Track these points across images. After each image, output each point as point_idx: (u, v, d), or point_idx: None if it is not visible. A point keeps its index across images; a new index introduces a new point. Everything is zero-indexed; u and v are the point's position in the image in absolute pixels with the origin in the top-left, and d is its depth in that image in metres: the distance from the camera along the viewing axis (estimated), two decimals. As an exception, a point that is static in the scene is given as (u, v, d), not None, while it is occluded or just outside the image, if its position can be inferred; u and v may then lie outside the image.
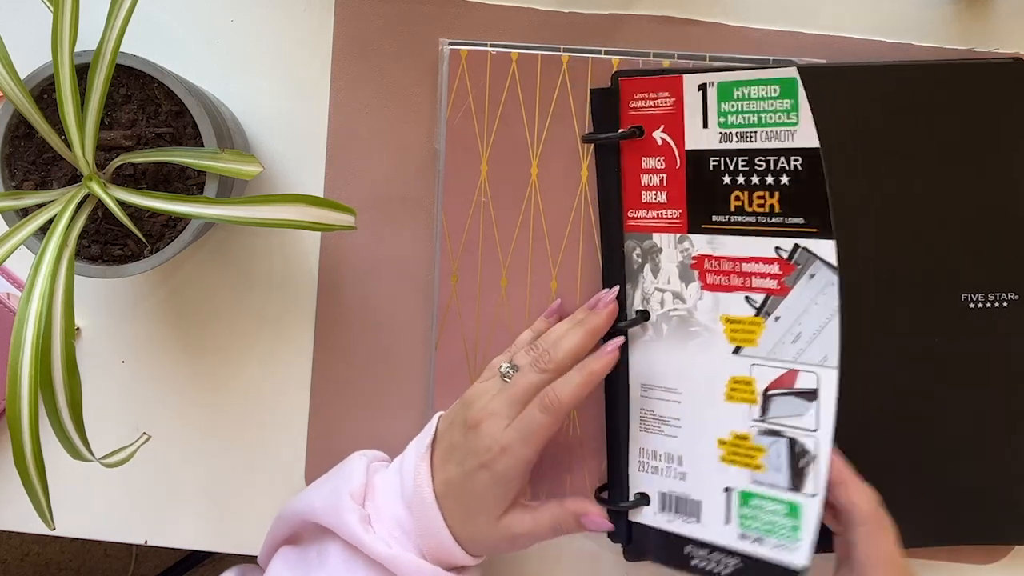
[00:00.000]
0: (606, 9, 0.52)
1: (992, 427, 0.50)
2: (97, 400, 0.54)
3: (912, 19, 0.51)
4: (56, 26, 0.41)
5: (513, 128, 0.51)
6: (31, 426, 0.37)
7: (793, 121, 0.46)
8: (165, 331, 0.54)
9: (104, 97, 0.42)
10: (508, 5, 0.52)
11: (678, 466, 0.48)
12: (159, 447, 0.54)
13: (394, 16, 0.52)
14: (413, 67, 0.52)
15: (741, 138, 0.46)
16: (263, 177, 0.53)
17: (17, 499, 0.53)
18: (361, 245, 0.53)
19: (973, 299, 0.49)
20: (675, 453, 0.48)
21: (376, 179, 0.53)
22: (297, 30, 0.53)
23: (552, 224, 0.51)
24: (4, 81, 0.42)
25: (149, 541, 0.54)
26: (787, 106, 0.46)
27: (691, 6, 0.52)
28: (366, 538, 0.43)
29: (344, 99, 0.53)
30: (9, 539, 1.28)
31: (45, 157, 0.46)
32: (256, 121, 0.53)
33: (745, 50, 0.51)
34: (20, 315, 0.38)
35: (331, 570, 0.44)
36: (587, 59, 0.51)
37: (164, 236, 0.46)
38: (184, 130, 0.46)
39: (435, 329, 0.52)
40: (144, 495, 0.54)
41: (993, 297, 0.49)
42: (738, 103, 0.46)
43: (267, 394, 0.54)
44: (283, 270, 0.54)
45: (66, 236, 0.41)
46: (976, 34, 0.52)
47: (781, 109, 0.46)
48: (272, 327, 0.54)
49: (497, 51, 0.51)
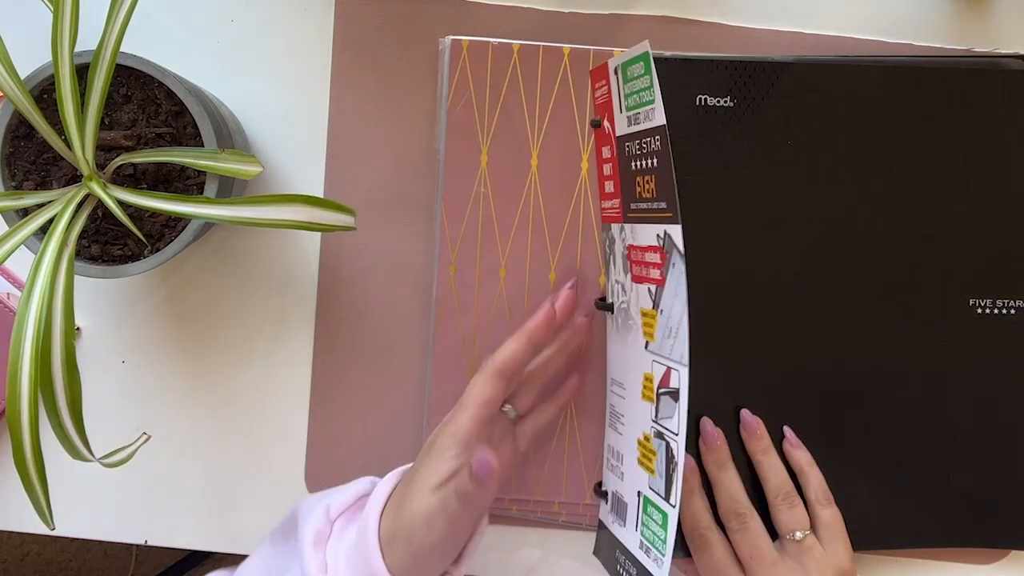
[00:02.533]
0: (606, 9, 0.52)
1: (994, 432, 0.50)
2: (97, 400, 0.54)
3: (912, 19, 0.51)
4: (56, 26, 0.41)
5: (514, 119, 0.51)
6: (31, 426, 0.37)
7: (650, 99, 0.43)
8: (165, 331, 0.54)
9: (104, 97, 0.42)
10: (508, 5, 0.52)
11: (620, 464, 0.48)
12: (159, 447, 0.54)
13: (394, 16, 0.52)
14: (413, 67, 0.52)
15: (634, 120, 0.45)
16: (263, 177, 0.53)
17: (17, 499, 0.53)
18: (361, 245, 0.53)
19: (981, 304, 0.49)
20: (620, 451, 0.48)
21: (376, 179, 0.53)
22: (297, 30, 0.53)
23: (552, 215, 0.51)
24: (4, 81, 0.42)
25: (149, 541, 0.54)
26: (647, 83, 0.43)
27: (691, 6, 0.52)
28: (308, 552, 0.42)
29: (344, 99, 0.53)
30: (9, 539, 1.28)
31: (45, 157, 0.46)
32: (256, 121, 0.53)
33: (745, 50, 0.51)
34: (20, 315, 0.38)
35: None
36: (588, 50, 0.51)
37: (164, 236, 0.46)
38: (184, 130, 0.46)
39: (433, 319, 0.52)
40: (144, 495, 0.54)
41: (1001, 304, 0.49)
42: (630, 83, 0.45)
43: (267, 394, 0.54)
44: (283, 270, 0.54)
45: (66, 236, 0.41)
46: (976, 34, 0.52)
47: (645, 87, 0.43)
48: (272, 327, 0.54)
49: (499, 42, 0.51)
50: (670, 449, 0.43)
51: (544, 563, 0.54)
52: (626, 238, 0.47)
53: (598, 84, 0.49)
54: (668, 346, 0.43)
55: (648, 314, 0.45)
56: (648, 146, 0.44)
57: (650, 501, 0.44)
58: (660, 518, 0.43)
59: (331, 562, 0.43)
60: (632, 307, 0.47)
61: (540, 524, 0.53)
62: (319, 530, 0.44)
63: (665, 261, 0.43)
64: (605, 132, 0.48)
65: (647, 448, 0.45)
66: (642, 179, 0.45)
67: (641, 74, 0.44)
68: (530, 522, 0.53)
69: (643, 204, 0.45)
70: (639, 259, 0.46)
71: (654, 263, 0.44)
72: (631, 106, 0.45)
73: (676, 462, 0.42)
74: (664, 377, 0.43)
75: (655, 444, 0.44)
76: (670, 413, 0.43)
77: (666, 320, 0.43)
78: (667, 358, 0.43)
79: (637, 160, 0.45)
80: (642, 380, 0.46)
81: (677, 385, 0.42)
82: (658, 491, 0.43)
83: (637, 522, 0.45)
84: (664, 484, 0.43)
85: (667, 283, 0.43)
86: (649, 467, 0.45)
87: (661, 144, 0.42)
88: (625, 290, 0.48)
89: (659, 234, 0.44)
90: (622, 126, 0.46)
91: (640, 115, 0.44)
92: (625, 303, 0.48)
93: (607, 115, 0.48)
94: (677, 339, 0.42)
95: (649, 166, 0.44)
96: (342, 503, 0.45)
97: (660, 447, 0.44)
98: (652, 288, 0.45)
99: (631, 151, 0.45)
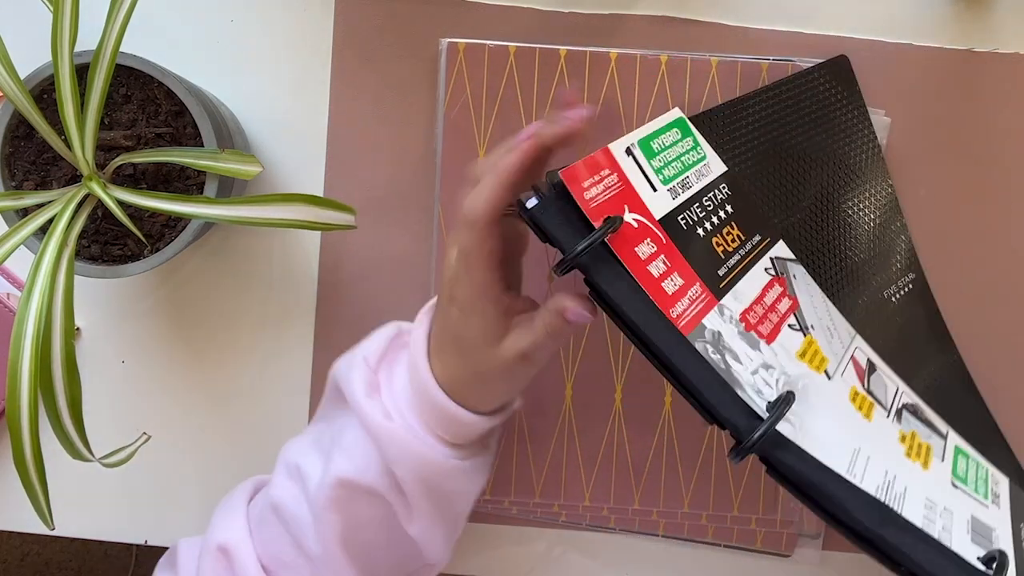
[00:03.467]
0: (606, 9, 0.52)
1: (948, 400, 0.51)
2: (97, 400, 0.54)
3: (912, 19, 0.51)
4: (56, 26, 0.41)
5: (510, 121, 0.51)
6: (31, 426, 0.37)
7: (702, 155, 0.45)
8: (165, 331, 0.54)
9: (104, 97, 0.42)
10: (508, 5, 0.52)
11: (936, 506, 0.42)
12: (159, 447, 0.54)
13: (394, 16, 0.52)
14: (413, 67, 0.52)
15: (683, 187, 0.43)
16: (263, 177, 0.53)
17: (17, 499, 0.53)
18: (361, 245, 0.53)
19: (890, 292, 0.52)
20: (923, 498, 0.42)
21: (376, 179, 0.53)
22: (297, 30, 0.53)
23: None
24: (4, 81, 0.42)
25: (149, 541, 0.54)
26: (691, 144, 0.45)
27: (691, 6, 0.52)
28: (365, 404, 0.42)
29: (344, 99, 0.53)
30: (9, 539, 1.28)
31: (45, 157, 0.46)
32: (256, 121, 0.53)
33: (745, 50, 0.51)
34: (20, 315, 0.38)
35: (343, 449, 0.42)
36: (585, 52, 0.51)
37: (164, 236, 0.46)
38: (184, 130, 0.46)
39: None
40: (144, 495, 0.54)
41: (902, 283, 0.52)
42: (662, 155, 0.42)
43: (267, 394, 0.54)
44: (283, 270, 0.54)
45: (66, 236, 0.41)
46: (976, 34, 0.52)
47: (689, 148, 0.44)
48: (272, 327, 0.54)
49: (495, 44, 0.51)
50: (909, 406, 0.47)
51: (544, 563, 0.54)
52: (731, 314, 0.41)
53: (594, 179, 0.39)
54: (837, 342, 0.45)
55: (805, 350, 0.43)
56: (715, 199, 0.44)
57: (954, 468, 0.46)
58: (962, 456, 0.47)
59: (391, 408, 0.42)
60: (788, 367, 0.41)
61: (540, 524, 0.53)
62: (368, 380, 0.43)
63: (786, 282, 0.44)
64: (631, 228, 0.39)
65: (912, 443, 0.45)
66: (719, 237, 0.43)
67: (678, 139, 0.44)
68: (530, 522, 0.53)
69: (734, 259, 0.43)
70: (762, 313, 0.43)
71: (778, 296, 0.44)
72: (672, 176, 0.42)
73: (918, 405, 0.47)
74: (857, 369, 0.46)
75: (906, 427, 0.46)
76: (883, 384, 0.46)
77: (820, 325, 0.45)
78: (844, 352, 0.45)
79: (704, 223, 0.42)
80: (854, 407, 0.44)
81: (866, 356, 0.47)
82: (942, 448, 0.46)
83: (978, 497, 0.46)
84: (932, 431, 0.46)
85: (800, 298, 0.44)
86: (927, 454, 0.45)
87: (731, 188, 0.45)
88: (771, 366, 0.41)
89: (767, 268, 0.44)
90: (664, 204, 0.41)
91: (689, 178, 0.43)
92: (779, 381, 0.40)
93: (627, 206, 0.39)
94: (836, 323, 0.46)
95: (724, 217, 0.43)
96: (377, 351, 0.45)
97: (907, 421, 0.46)
98: (792, 319, 0.44)
99: (690, 220, 0.42)
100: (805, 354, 0.43)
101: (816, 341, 0.44)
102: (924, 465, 0.44)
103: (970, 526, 0.42)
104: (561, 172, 0.37)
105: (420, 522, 0.43)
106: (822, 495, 0.37)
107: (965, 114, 0.52)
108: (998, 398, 0.52)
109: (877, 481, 0.40)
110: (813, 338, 0.44)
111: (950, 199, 0.52)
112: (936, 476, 0.44)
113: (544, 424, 0.53)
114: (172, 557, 0.46)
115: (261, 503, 0.45)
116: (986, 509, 0.45)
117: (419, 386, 0.42)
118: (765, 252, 0.45)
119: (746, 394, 0.38)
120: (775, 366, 0.40)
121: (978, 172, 0.52)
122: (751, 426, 0.36)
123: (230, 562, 0.43)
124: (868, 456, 0.40)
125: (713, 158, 0.46)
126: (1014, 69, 0.52)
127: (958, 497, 0.44)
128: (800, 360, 0.42)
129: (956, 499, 0.43)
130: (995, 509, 0.45)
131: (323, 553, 0.42)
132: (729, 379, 0.38)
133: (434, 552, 0.45)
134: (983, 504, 0.45)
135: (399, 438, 0.41)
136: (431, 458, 0.41)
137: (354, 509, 0.42)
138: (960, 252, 0.52)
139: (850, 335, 0.46)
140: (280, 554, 0.43)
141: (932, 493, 0.42)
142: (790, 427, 0.38)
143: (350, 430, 0.43)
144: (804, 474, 0.37)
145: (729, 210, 0.44)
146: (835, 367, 0.44)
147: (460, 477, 0.43)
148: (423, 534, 0.43)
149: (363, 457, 0.42)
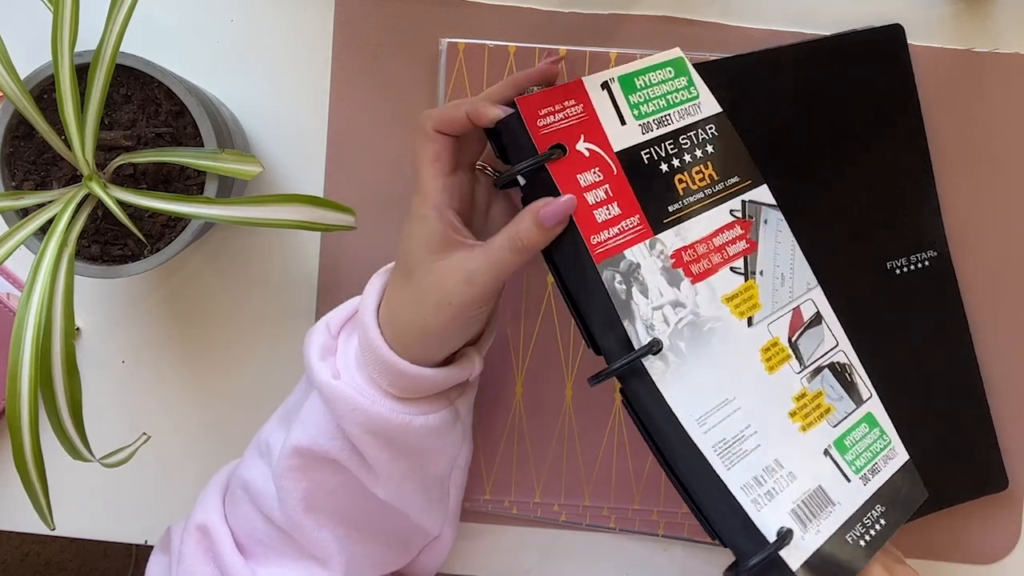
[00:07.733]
0: (606, 9, 0.52)
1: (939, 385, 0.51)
2: (97, 400, 0.54)
3: (912, 19, 0.51)
4: (56, 26, 0.41)
5: None
6: (31, 426, 0.37)
7: (694, 95, 0.47)
8: (165, 331, 0.54)
9: (104, 97, 0.42)
10: (508, 5, 0.52)
11: (781, 469, 0.44)
12: (159, 447, 0.54)
13: (394, 16, 0.52)
14: (413, 67, 0.52)
15: (659, 124, 0.45)
16: (263, 177, 0.53)
17: (17, 499, 0.53)
18: (361, 245, 0.53)
19: (897, 264, 0.52)
20: (770, 461, 0.44)
21: (376, 179, 0.53)
22: (297, 30, 0.53)
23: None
24: (4, 81, 0.42)
25: (149, 541, 0.54)
26: (684, 83, 0.47)
27: (691, 6, 0.52)
28: (316, 366, 0.42)
29: (344, 99, 0.53)
30: (9, 539, 1.28)
31: (45, 157, 0.46)
32: (256, 121, 0.53)
33: (745, 50, 0.51)
34: (20, 315, 0.38)
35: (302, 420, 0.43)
36: (585, 52, 0.51)
37: (164, 236, 0.46)
38: (184, 130, 0.46)
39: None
40: (144, 495, 0.54)
41: (915, 259, 0.52)
42: (643, 92, 0.45)
43: (267, 393, 0.54)
44: (283, 270, 0.54)
45: (66, 236, 0.41)
46: (976, 34, 0.52)
47: (680, 87, 0.47)
48: (272, 327, 0.54)
49: (495, 44, 0.51)
50: (836, 365, 0.47)
51: (544, 563, 0.54)
52: (664, 249, 0.44)
53: (553, 108, 0.42)
54: (785, 291, 0.47)
55: (737, 294, 0.45)
56: (695, 138, 0.46)
57: (843, 436, 0.46)
58: (866, 425, 0.47)
59: (341, 367, 0.43)
60: (705, 308, 0.44)
61: (540, 524, 0.53)
62: (324, 344, 0.44)
63: (751, 226, 0.46)
64: (580, 156, 0.42)
65: (807, 404, 0.46)
66: (686, 174, 0.45)
67: (669, 78, 0.46)
68: (530, 522, 0.53)
69: (694, 197, 0.45)
70: (703, 252, 0.45)
71: (734, 239, 0.46)
72: (649, 112, 0.45)
73: (851, 365, 0.47)
74: (794, 321, 0.46)
75: (814, 387, 0.46)
76: (818, 339, 0.47)
77: (772, 272, 0.46)
78: (789, 303, 0.47)
79: (673, 159, 0.45)
80: (760, 357, 0.45)
81: (815, 309, 0.47)
82: (847, 413, 0.47)
83: (845, 474, 0.45)
84: (849, 395, 0.47)
85: (760, 243, 0.46)
86: (822, 411, 0.46)
87: (719, 130, 0.47)
88: (682, 304, 0.43)
89: (733, 209, 0.46)
90: (626, 138, 0.44)
91: (670, 116, 0.46)
92: (683, 320, 0.43)
93: (583, 135, 0.43)
94: (795, 273, 0.47)
95: (699, 156, 0.46)
96: (341, 316, 0.45)
97: (824, 379, 0.47)
98: (736, 264, 0.46)
99: (655, 155, 0.45)
100: (734, 299, 0.45)
101: (757, 287, 0.46)
102: (804, 428, 0.45)
103: (805, 496, 0.44)
104: (518, 98, 0.42)
105: (386, 483, 0.43)
106: (657, 432, 0.42)
107: (965, 114, 0.52)
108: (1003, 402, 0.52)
109: (726, 435, 0.43)
110: (755, 284, 0.46)
111: (949, 199, 0.52)
112: (809, 440, 0.45)
113: (544, 424, 0.53)
114: (165, 540, 0.48)
115: (233, 483, 0.47)
116: (846, 484, 0.45)
117: (365, 341, 0.42)
118: (738, 195, 0.47)
119: (633, 327, 0.42)
120: (687, 305, 0.44)
121: (978, 171, 0.52)
122: (620, 355, 0.42)
123: (210, 542, 0.45)
124: (737, 408, 0.43)
125: (707, 99, 0.47)
126: (1014, 69, 0.52)
127: (819, 465, 0.45)
128: (723, 303, 0.45)
129: (814, 467, 0.45)
130: (858, 485, 0.46)
131: (287, 520, 0.43)
132: (622, 310, 0.42)
133: (425, 520, 0.45)
134: (846, 478, 0.45)
135: (343, 395, 0.41)
136: (376, 412, 0.41)
137: (314, 476, 0.43)
138: (959, 251, 0.52)
139: (807, 287, 0.47)
140: (253, 531, 0.45)
141: (787, 456, 0.44)
142: (662, 365, 0.42)
143: (310, 399, 0.44)
144: (647, 409, 0.42)
145: (709, 150, 0.46)
146: (765, 315, 0.46)
147: (420, 434, 0.42)
148: (395, 497, 0.44)
149: (316, 424, 0.43)
